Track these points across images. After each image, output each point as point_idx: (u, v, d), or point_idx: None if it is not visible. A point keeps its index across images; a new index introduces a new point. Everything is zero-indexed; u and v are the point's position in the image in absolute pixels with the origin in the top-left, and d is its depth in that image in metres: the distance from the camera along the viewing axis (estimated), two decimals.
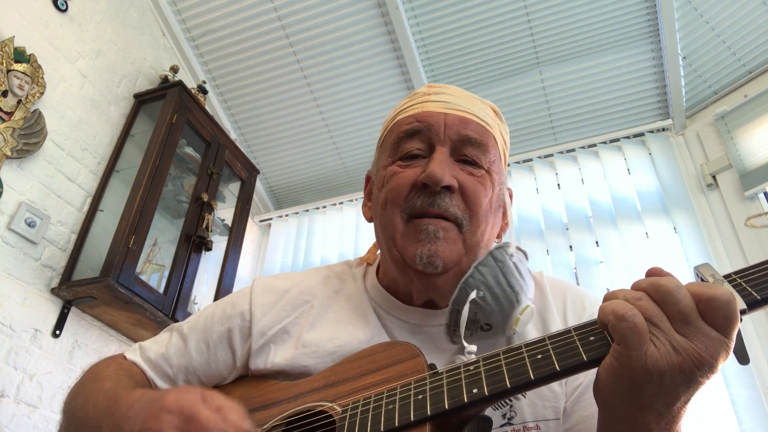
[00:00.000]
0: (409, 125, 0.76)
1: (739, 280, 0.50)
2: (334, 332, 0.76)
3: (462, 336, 0.67)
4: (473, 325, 0.67)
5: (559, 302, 0.78)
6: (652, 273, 0.54)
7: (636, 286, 0.52)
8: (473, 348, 0.67)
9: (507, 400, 0.68)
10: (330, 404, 0.64)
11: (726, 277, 0.51)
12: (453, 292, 0.71)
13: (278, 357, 0.75)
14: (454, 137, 0.74)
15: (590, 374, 0.67)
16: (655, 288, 0.50)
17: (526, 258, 0.75)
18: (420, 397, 0.56)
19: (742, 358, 0.50)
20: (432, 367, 0.62)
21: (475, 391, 0.54)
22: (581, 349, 0.52)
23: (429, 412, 0.54)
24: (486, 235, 0.75)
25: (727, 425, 1.90)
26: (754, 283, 0.50)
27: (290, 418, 0.68)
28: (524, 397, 0.68)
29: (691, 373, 0.47)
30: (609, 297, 0.53)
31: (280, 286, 0.83)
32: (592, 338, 0.52)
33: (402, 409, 0.56)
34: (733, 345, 0.48)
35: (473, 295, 0.66)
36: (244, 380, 0.79)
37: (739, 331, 0.49)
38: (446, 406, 0.54)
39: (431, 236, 0.70)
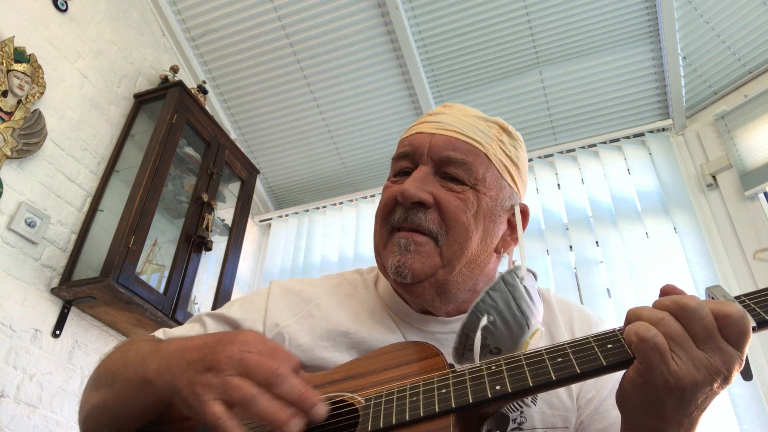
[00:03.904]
0: (402, 148, 0.84)
1: (748, 301, 0.54)
2: (350, 327, 0.79)
3: (478, 360, 0.68)
4: (483, 349, 0.69)
5: (566, 318, 0.83)
6: (666, 291, 0.57)
7: (659, 305, 0.55)
8: None
9: (518, 405, 0.71)
10: (351, 394, 0.66)
11: (736, 298, 0.55)
12: (435, 301, 0.78)
13: (294, 347, 0.78)
14: (436, 157, 0.80)
15: (601, 389, 0.74)
16: (680, 307, 0.53)
17: (535, 278, 0.76)
18: (444, 391, 0.58)
19: (747, 374, 0.53)
20: (451, 366, 0.64)
21: (498, 387, 0.56)
22: (600, 355, 0.54)
23: (453, 405, 0.56)
24: (472, 248, 0.78)
25: (727, 425, 1.90)
26: (762, 304, 0.54)
27: None
28: (534, 404, 0.71)
29: (710, 385, 0.52)
30: (632, 316, 0.55)
31: (295, 288, 0.89)
32: (609, 346, 0.55)
33: (426, 401, 0.58)
34: (744, 358, 0.52)
35: (484, 321, 0.68)
36: None
37: None
38: (470, 400, 0.56)
39: (402, 249, 0.76)
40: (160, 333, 0.87)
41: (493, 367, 0.59)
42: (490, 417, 0.59)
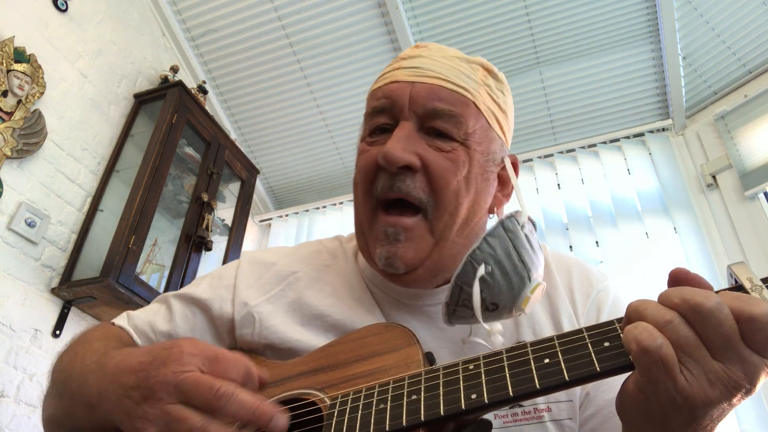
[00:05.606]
0: (377, 101, 0.73)
1: None
2: (326, 308, 0.73)
3: (480, 318, 0.60)
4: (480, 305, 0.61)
5: (565, 279, 0.74)
6: (677, 277, 0.45)
7: (667, 301, 0.43)
8: (499, 327, 0.63)
9: None
10: (318, 393, 0.61)
11: (765, 281, 0.42)
12: (429, 283, 0.70)
13: (265, 329, 0.72)
14: (420, 111, 0.68)
15: None
16: (692, 308, 0.41)
17: (535, 228, 0.67)
18: (413, 397, 0.51)
19: None
20: (428, 356, 0.59)
21: (473, 397, 0.48)
22: (594, 357, 0.45)
23: (423, 418, 0.49)
24: (463, 214, 0.69)
25: (727, 425, 1.90)
26: None
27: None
28: None
29: (728, 401, 0.41)
30: (633, 313, 0.44)
31: (267, 259, 0.81)
32: (606, 344, 0.45)
33: (393, 411, 0.51)
34: None
35: (481, 271, 0.59)
36: None
37: None
38: (441, 413, 0.49)
39: (391, 238, 0.67)
40: (124, 317, 0.81)
41: (470, 367, 0.50)
42: (467, 426, 0.51)
